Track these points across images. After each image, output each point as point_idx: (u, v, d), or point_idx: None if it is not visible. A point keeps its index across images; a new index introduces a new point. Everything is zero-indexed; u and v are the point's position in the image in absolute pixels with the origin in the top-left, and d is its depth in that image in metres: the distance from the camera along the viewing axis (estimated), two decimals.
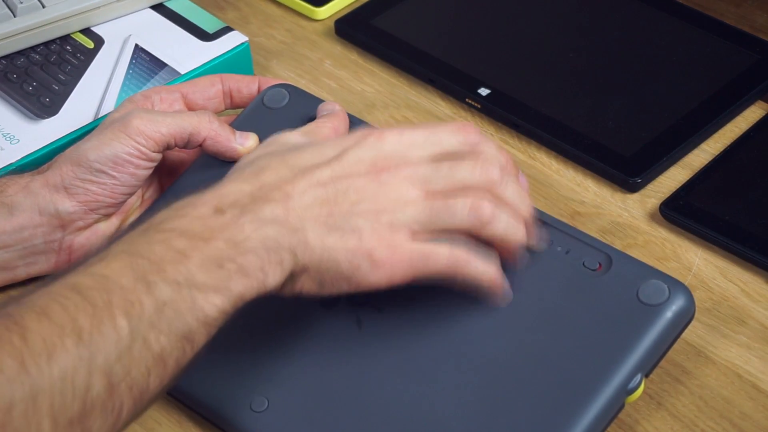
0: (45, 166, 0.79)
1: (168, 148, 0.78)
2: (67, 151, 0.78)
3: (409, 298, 0.70)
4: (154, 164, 0.79)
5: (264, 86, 0.84)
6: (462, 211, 0.67)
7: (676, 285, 0.68)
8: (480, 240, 0.68)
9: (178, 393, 0.73)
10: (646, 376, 0.67)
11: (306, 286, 0.66)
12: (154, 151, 0.78)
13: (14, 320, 0.57)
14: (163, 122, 0.78)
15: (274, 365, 0.71)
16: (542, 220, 0.73)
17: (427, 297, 0.70)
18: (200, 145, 0.79)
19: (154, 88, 0.83)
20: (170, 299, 0.60)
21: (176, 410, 0.73)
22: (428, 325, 0.69)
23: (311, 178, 0.67)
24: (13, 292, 0.80)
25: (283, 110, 0.82)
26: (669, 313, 0.67)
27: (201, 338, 0.61)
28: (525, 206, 0.70)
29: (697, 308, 0.69)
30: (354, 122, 0.81)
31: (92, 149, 0.77)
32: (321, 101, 0.82)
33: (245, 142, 0.80)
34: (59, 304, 0.58)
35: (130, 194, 0.79)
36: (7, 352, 0.56)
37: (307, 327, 0.72)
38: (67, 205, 0.77)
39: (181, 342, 0.60)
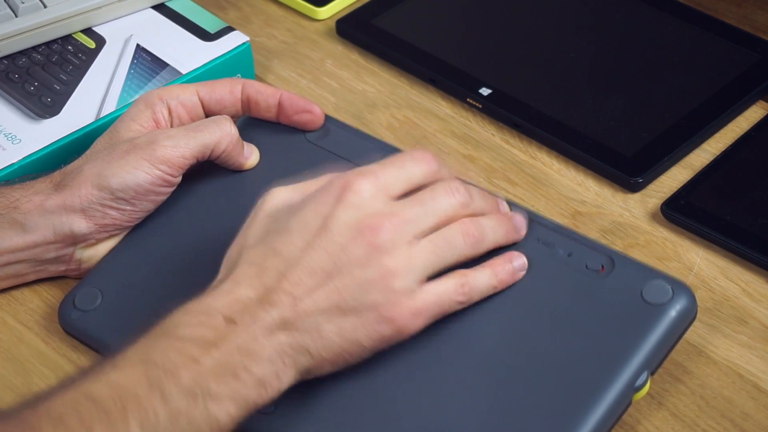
0: (58, 175, 0.78)
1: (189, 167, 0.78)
2: (88, 169, 0.76)
3: None
4: (174, 187, 0.78)
5: (286, 102, 0.81)
6: (459, 242, 0.69)
7: (678, 285, 0.69)
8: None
9: None
10: (652, 374, 0.67)
11: (323, 371, 0.67)
12: (176, 177, 0.77)
13: (30, 426, 0.57)
14: (187, 146, 0.77)
15: None
16: (543, 224, 0.73)
17: None
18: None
19: (171, 92, 0.80)
20: (185, 409, 0.60)
21: None
22: (435, 327, 0.68)
23: (311, 269, 0.65)
24: (16, 293, 0.80)
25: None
26: (673, 312, 0.68)
27: None
28: (491, 201, 0.72)
29: (698, 308, 0.70)
30: (338, 125, 0.81)
31: (116, 177, 0.76)
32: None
33: (250, 155, 0.80)
34: (75, 413, 0.58)
35: (146, 216, 0.79)
36: None
37: None
38: (82, 226, 0.76)
39: None
